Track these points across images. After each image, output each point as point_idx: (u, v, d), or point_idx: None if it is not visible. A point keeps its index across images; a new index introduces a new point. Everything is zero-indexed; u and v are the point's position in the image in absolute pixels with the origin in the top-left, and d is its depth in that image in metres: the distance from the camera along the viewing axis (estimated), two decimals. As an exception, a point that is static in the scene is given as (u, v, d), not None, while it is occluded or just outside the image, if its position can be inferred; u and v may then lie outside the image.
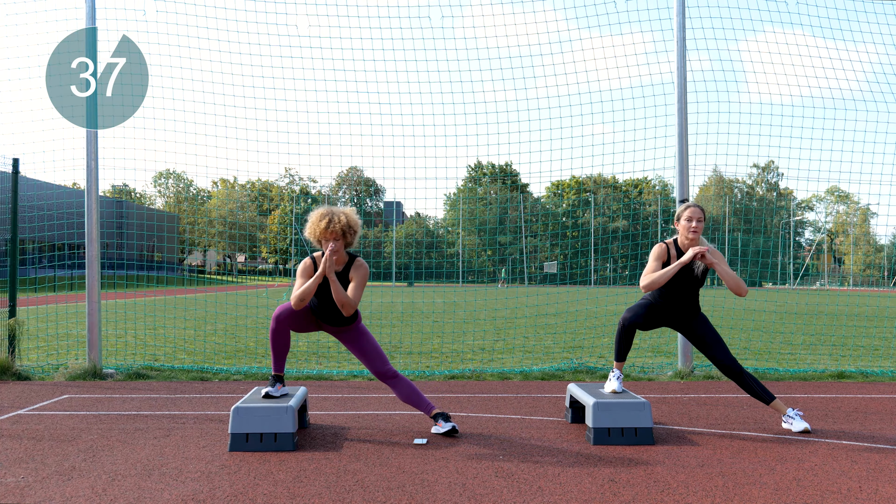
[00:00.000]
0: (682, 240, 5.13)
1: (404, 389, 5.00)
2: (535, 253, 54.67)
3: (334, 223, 4.77)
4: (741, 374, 5.06)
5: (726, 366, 5.06)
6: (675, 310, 5.14)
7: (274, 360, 5.00)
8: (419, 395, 5.01)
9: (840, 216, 77.83)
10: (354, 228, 4.88)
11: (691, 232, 5.03)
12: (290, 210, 62.80)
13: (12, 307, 7.70)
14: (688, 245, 5.10)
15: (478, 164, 67.43)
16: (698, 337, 5.14)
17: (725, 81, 9.38)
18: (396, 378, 5.01)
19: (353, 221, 4.87)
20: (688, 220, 5.06)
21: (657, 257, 5.08)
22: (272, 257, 74.15)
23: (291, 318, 4.91)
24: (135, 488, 3.66)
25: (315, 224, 4.82)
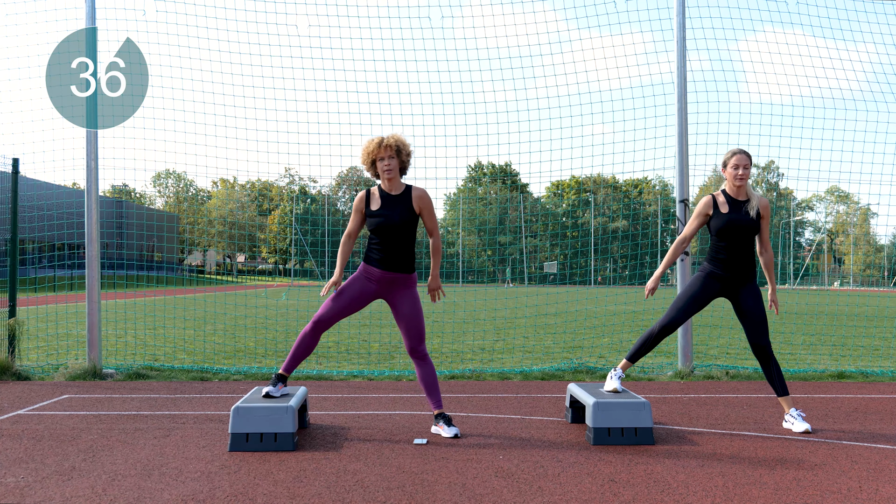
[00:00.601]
0: (729, 186, 5.11)
1: (427, 374, 4.97)
2: (535, 253, 54.67)
3: (387, 139, 4.83)
4: (770, 359, 5.08)
5: (761, 346, 5.06)
6: (734, 265, 5.05)
7: (290, 360, 4.92)
8: (435, 387, 4.99)
9: (840, 216, 77.85)
10: (407, 147, 4.91)
11: (738, 179, 5.02)
12: (290, 210, 62.80)
13: (12, 307, 7.70)
14: (736, 191, 5.07)
15: (478, 164, 67.45)
16: (746, 309, 5.09)
17: (725, 81, 9.39)
18: (425, 360, 4.98)
19: (405, 140, 4.91)
20: (734, 167, 5.03)
21: (698, 213, 5.13)
22: (272, 257, 74.17)
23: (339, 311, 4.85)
24: (135, 488, 3.66)
25: (368, 144, 4.87)
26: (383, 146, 4.81)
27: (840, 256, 73.27)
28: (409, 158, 4.94)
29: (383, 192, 4.92)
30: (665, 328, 5.11)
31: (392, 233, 4.83)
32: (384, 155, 4.81)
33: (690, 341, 7.92)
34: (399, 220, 4.83)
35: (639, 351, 5.17)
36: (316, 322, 4.86)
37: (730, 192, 5.12)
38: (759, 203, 5.07)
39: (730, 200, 5.09)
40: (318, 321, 4.86)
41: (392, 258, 4.87)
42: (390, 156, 4.82)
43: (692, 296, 5.12)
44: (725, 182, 5.17)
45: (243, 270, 72.72)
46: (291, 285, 39.65)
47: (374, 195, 4.93)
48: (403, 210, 4.85)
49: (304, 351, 4.91)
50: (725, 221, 5.03)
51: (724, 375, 7.76)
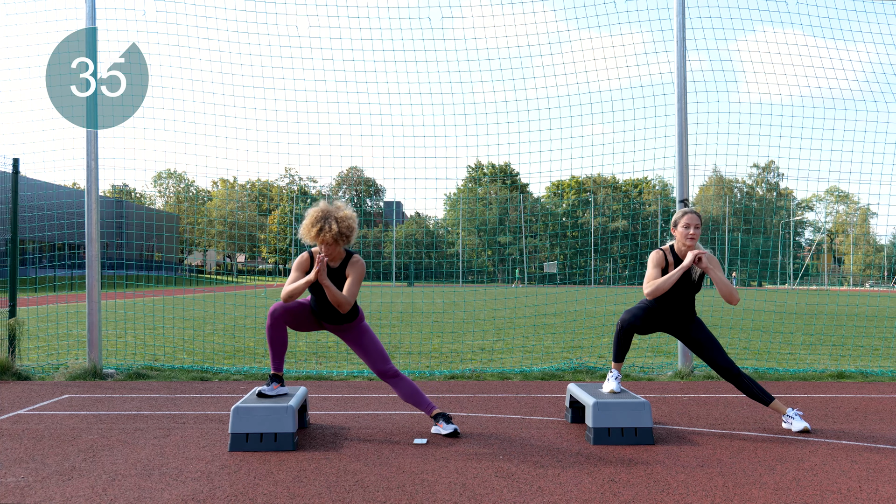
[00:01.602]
0: (678, 246, 5.14)
1: (406, 389, 5.00)
2: (535, 253, 54.68)
3: (325, 232, 4.64)
4: (739, 376, 5.07)
5: (724, 368, 5.06)
6: (672, 314, 5.15)
7: (272, 358, 4.98)
8: (420, 395, 5.01)
9: (840, 216, 77.84)
10: (347, 234, 4.74)
11: (689, 238, 5.05)
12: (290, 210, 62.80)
13: (12, 307, 7.70)
14: (685, 251, 5.11)
15: (478, 164, 67.43)
16: (695, 341, 5.15)
17: (725, 81, 9.39)
18: (398, 377, 5.00)
19: (346, 227, 4.71)
20: (685, 226, 5.07)
21: (656, 264, 5.08)
22: (272, 257, 74.14)
23: (289, 316, 4.90)
24: (135, 488, 3.67)
25: (307, 228, 4.73)
26: (320, 238, 4.67)
27: (840, 256, 73.24)
28: (349, 241, 4.79)
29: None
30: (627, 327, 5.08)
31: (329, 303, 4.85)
32: (320, 243, 4.72)
33: (690, 341, 7.91)
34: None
35: (618, 351, 5.17)
36: (271, 313, 4.86)
37: (678, 251, 5.13)
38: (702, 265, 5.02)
39: (676, 261, 5.10)
40: (272, 312, 4.86)
41: (331, 315, 4.93)
42: (327, 243, 4.71)
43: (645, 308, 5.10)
44: (675, 240, 5.16)
45: (243, 270, 72.70)
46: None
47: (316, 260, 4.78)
48: (338, 283, 4.84)
49: (278, 344, 4.93)
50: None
51: (724, 375, 7.76)
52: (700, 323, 5.21)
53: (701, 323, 5.22)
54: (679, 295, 5.09)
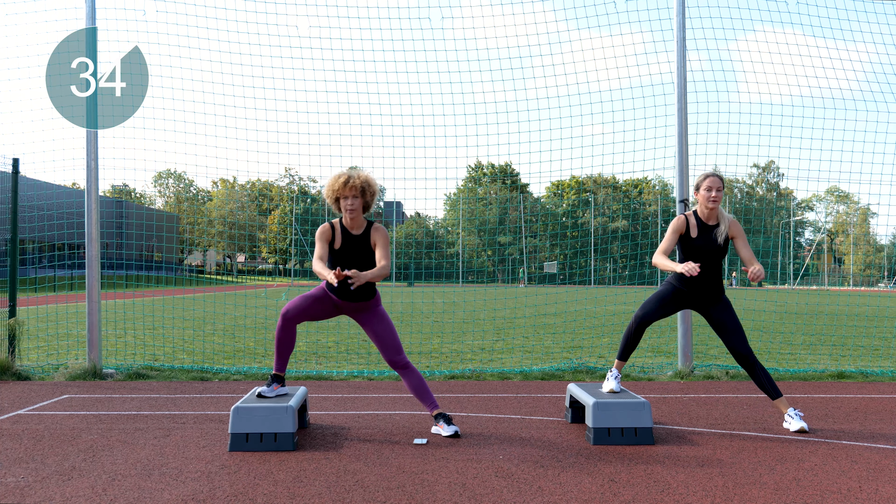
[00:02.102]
0: (701, 210, 5.09)
1: (414, 381, 4.98)
2: (536, 253, 54.66)
3: (353, 179, 4.77)
4: (754, 365, 5.07)
5: (742, 355, 5.05)
6: (699, 287, 5.06)
7: (277, 358, 4.97)
8: (426, 391, 5.00)
9: (840, 216, 77.84)
10: (373, 188, 4.86)
11: (711, 202, 5.01)
12: (290, 210, 62.80)
13: (12, 307, 7.70)
14: (707, 215, 5.06)
15: (478, 164, 67.42)
16: (719, 321, 5.10)
17: (725, 81, 9.38)
18: (407, 368, 4.99)
19: (372, 181, 4.86)
20: (707, 189, 5.02)
21: (674, 230, 5.06)
22: (272, 257, 74.13)
23: (304, 316, 4.89)
24: (135, 488, 3.66)
25: (333, 181, 4.81)
26: (348, 186, 4.76)
27: (840, 256, 73.24)
28: (373, 198, 4.89)
29: (345, 229, 4.90)
30: (641, 321, 5.08)
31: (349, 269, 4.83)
32: (348, 194, 4.77)
33: (690, 341, 7.92)
34: (358, 260, 4.84)
35: (626, 348, 5.17)
36: (283, 315, 4.87)
37: (701, 215, 5.11)
38: (729, 227, 5.04)
39: (700, 224, 5.08)
40: (284, 314, 4.87)
41: (350, 291, 4.89)
42: (354, 195, 4.78)
43: (661, 298, 5.11)
44: (697, 205, 5.15)
45: (243, 270, 72.71)
46: (291, 285, 39.67)
47: (336, 230, 4.89)
48: (362, 250, 4.87)
49: (285, 346, 4.93)
50: (692, 247, 5.04)
51: (724, 375, 7.76)
52: (728, 304, 5.15)
53: (729, 304, 5.16)
54: (705, 260, 5.01)
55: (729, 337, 5.08)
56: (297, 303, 4.89)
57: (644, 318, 5.05)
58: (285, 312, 4.86)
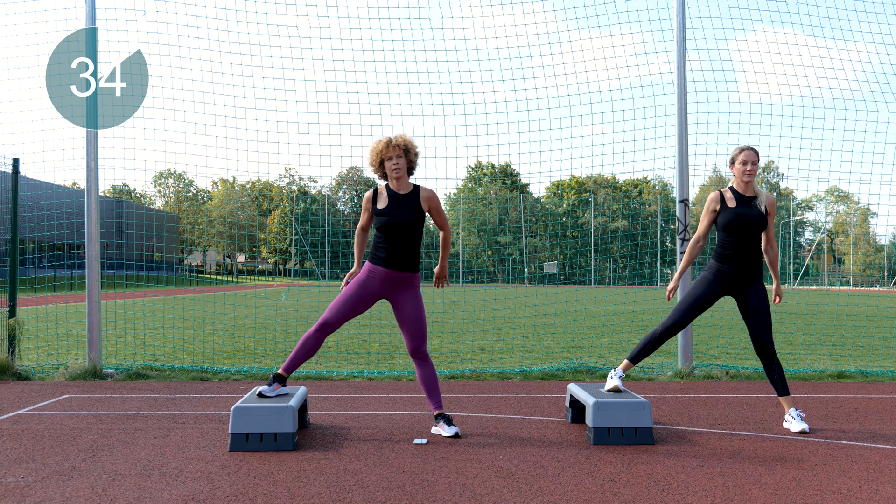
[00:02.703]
0: (737, 183, 5.11)
1: (427, 374, 4.98)
2: (536, 253, 54.66)
3: (396, 138, 4.85)
4: (772, 358, 5.10)
5: (764, 345, 5.08)
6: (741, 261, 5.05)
7: (291, 360, 4.88)
8: (435, 387, 5.00)
9: (840, 216, 77.84)
10: (415, 148, 4.94)
11: (746, 175, 5.02)
12: (290, 210, 62.79)
13: (12, 307, 7.70)
14: (744, 187, 5.08)
15: (478, 164, 67.44)
16: (750, 306, 5.10)
17: (725, 81, 9.38)
18: (426, 360, 5.00)
19: (412, 142, 4.94)
20: (742, 163, 5.04)
21: (707, 211, 5.14)
22: (272, 257, 74.16)
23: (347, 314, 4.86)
24: (135, 488, 3.66)
25: (376, 145, 4.88)
26: (392, 146, 4.83)
27: (840, 256, 73.25)
28: (416, 158, 4.98)
29: (391, 191, 4.93)
30: (669, 330, 5.12)
31: (399, 231, 4.84)
32: (392, 154, 4.83)
33: (690, 341, 7.92)
34: (406, 219, 4.84)
35: (641, 352, 5.18)
36: (322, 325, 4.83)
37: (737, 188, 5.12)
38: (767, 200, 5.08)
39: (737, 196, 5.09)
40: (324, 324, 4.83)
41: (397, 257, 4.87)
42: (398, 155, 4.83)
43: (697, 298, 5.11)
44: (733, 179, 5.17)
45: (243, 270, 72.72)
46: (291, 285, 39.67)
47: (381, 194, 4.94)
48: (411, 209, 4.86)
49: (307, 354, 4.88)
50: (734, 216, 5.03)
51: (724, 375, 7.76)
52: (764, 290, 5.15)
53: (764, 291, 5.15)
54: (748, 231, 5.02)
55: (757, 324, 5.08)
56: (337, 309, 4.84)
57: (676, 325, 5.09)
58: (325, 322, 4.81)
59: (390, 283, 4.92)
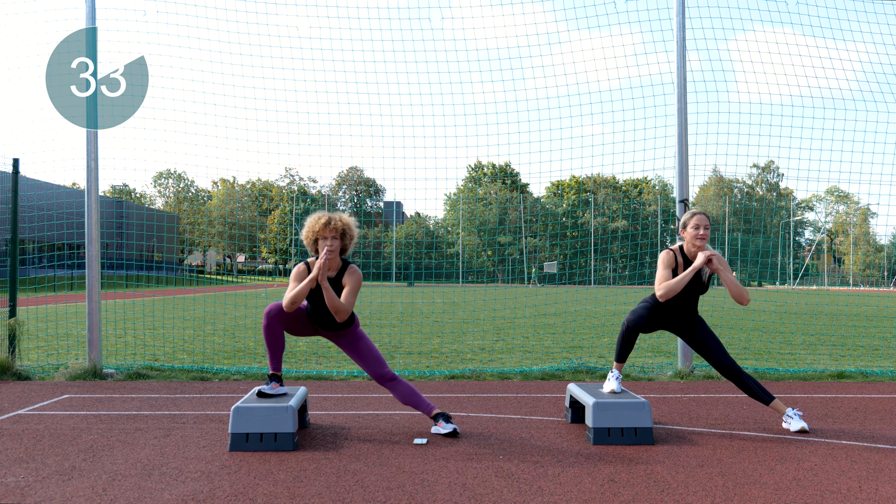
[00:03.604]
0: (688, 247, 5.14)
1: (403, 391, 5.00)
2: (535, 253, 54.67)
3: (335, 221, 4.80)
4: (740, 375, 5.08)
5: (725, 367, 5.07)
6: (677, 313, 5.15)
7: (270, 357, 4.98)
8: (418, 397, 5.01)
9: (840, 216, 77.84)
10: (352, 232, 4.90)
11: (698, 239, 5.05)
12: (290, 210, 62.82)
13: (12, 307, 7.70)
14: (694, 252, 5.11)
15: (478, 164, 67.46)
16: (697, 340, 5.17)
17: (725, 81, 9.38)
18: (395, 381, 5.01)
19: (352, 225, 4.90)
20: (695, 227, 5.07)
21: (667, 265, 5.07)
22: (272, 257, 74.14)
23: (285, 318, 4.91)
24: (135, 488, 3.67)
25: (314, 222, 4.83)
26: (329, 227, 4.78)
27: (840, 256, 73.24)
28: (351, 242, 4.92)
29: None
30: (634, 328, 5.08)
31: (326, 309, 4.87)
32: (328, 235, 4.78)
33: (690, 341, 7.91)
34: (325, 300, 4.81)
35: (621, 351, 5.17)
36: (266, 313, 4.87)
37: (688, 252, 5.14)
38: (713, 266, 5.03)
39: (686, 262, 5.11)
40: (267, 312, 4.86)
41: (328, 321, 4.94)
42: (333, 237, 4.79)
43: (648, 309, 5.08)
44: (684, 241, 5.16)
45: (243, 270, 72.71)
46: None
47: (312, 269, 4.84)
48: (337, 289, 4.87)
49: (275, 344, 4.93)
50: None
51: (724, 375, 7.75)
52: (702, 322, 5.22)
53: (703, 322, 5.23)
54: (686, 295, 5.10)
55: (710, 352, 5.12)
56: (279, 304, 4.89)
57: (635, 325, 5.06)
58: (268, 311, 4.86)
59: (326, 334, 5.07)
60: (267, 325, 4.87)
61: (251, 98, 8.73)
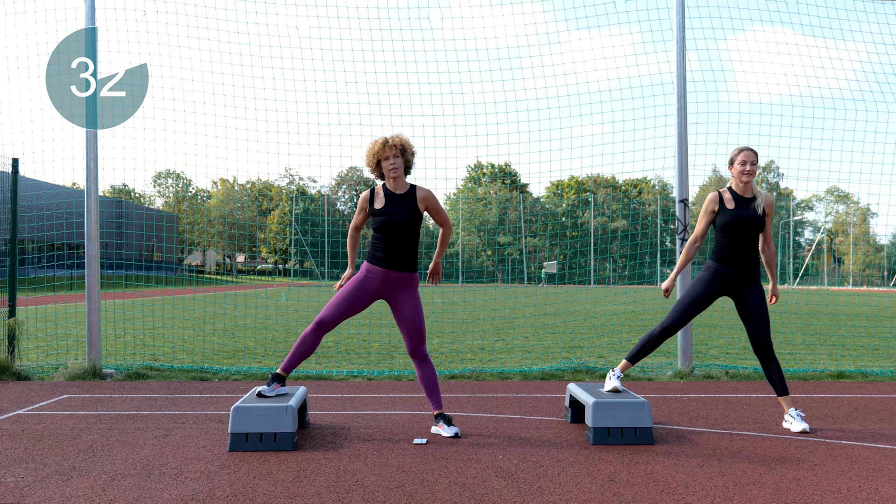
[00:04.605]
0: (736, 183, 5.11)
1: (427, 375, 5.00)
2: (535, 253, 54.66)
3: (393, 139, 4.86)
4: (771, 358, 5.10)
5: (763, 346, 5.07)
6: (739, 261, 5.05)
7: (289, 359, 4.87)
8: (435, 387, 5.01)
9: (840, 216, 77.85)
10: (412, 148, 4.94)
11: (746, 175, 5.03)
12: (289, 210, 62.81)
13: (12, 307, 7.70)
14: (742, 188, 5.08)
15: (477, 164, 67.47)
16: (748, 307, 5.10)
17: (725, 81, 9.39)
18: (425, 360, 5.01)
19: (409, 142, 4.94)
20: (741, 163, 5.04)
21: (705, 211, 5.14)
22: (272, 257, 74.14)
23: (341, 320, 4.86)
24: (135, 488, 3.66)
25: (372, 145, 4.89)
26: (388, 145, 4.84)
27: (840, 256, 73.26)
28: (413, 158, 4.97)
29: (388, 190, 4.93)
30: (667, 330, 5.13)
31: (396, 231, 4.84)
32: (389, 154, 4.83)
33: (690, 341, 7.92)
34: (404, 218, 4.84)
35: (639, 352, 5.18)
36: (319, 323, 4.83)
37: (736, 189, 5.12)
38: (766, 200, 5.08)
39: (736, 198, 5.09)
40: (320, 322, 4.83)
41: (395, 257, 4.88)
42: (395, 155, 4.84)
43: (696, 298, 5.12)
44: (731, 180, 5.17)
45: (243, 270, 72.72)
46: (291, 285, 39.68)
47: (378, 194, 4.94)
48: (408, 209, 4.86)
49: (305, 352, 4.86)
50: (732, 217, 5.03)
51: (724, 375, 7.76)
52: (761, 291, 5.15)
53: (762, 291, 5.15)
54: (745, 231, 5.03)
55: (755, 324, 5.08)
56: (334, 308, 4.83)
57: (674, 325, 5.09)
58: (322, 321, 4.81)
59: (388, 283, 4.92)
60: (315, 337, 4.82)
61: (251, 98, 8.74)
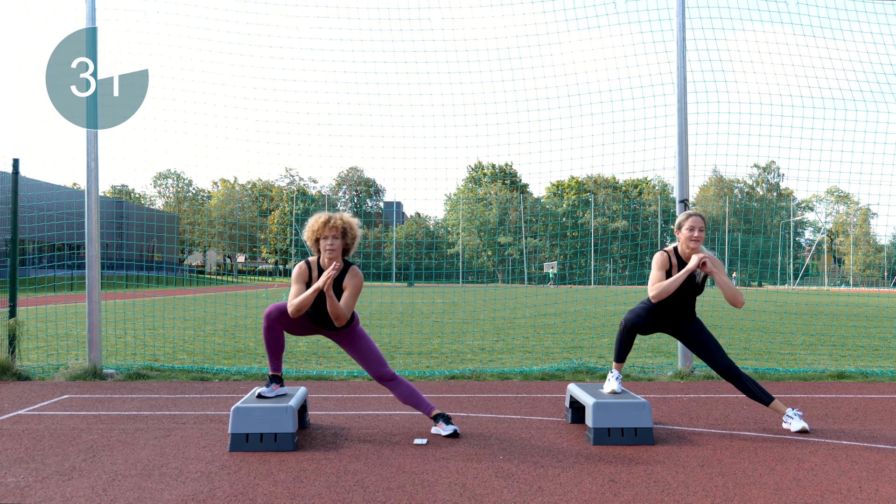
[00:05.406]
0: (682, 248, 5.15)
1: (403, 391, 5.00)
2: (535, 253, 54.66)
3: (335, 219, 4.78)
4: (739, 376, 5.08)
5: (724, 368, 5.07)
6: (674, 315, 5.15)
7: (269, 359, 4.98)
8: (419, 397, 5.01)
9: (840, 216, 77.83)
10: (354, 231, 4.87)
11: (693, 241, 5.06)
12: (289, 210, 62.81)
13: (12, 307, 7.70)
14: (689, 254, 5.12)
15: (478, 165, 67.45)
16: (695, 342, 5.16)
17: (725, 82, 9.37)
18: (395, 380, 5.01)
19: (354, 224, 4.88)
20: (689, 229, 5.08)
21: (661, 266, 5.08)
22: (272, 257, 74.14)
23: (285, 321, 4.90)
24: (135, 488, 3.66)
25: (314, 221, 4.82)
26: (329, 226, 4.76)
27: (840, 256, 73.24)
28: (353, 242, 4.90)
29: (321, 269, 4.87)
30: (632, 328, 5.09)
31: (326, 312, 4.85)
32: (328, 234, 4.77)
33: (690, 341, 7.90)
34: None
35: (620, 352, 5.17)
36: (266, 316, 4.86)
37: (681, 253, 5.15)
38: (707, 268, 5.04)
39: (680, 263, 5.12)
40: (267, 315, 4.85)
41: (328, 322, 4.93)
42: (334, 236, 4.78)
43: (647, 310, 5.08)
44: (678, 242, 5.17)
45: (243, 271, 72.73)
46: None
47: (313, 269, 4.88)
48: (337, 293, 4.85)
49: (274, 346, 4.92)
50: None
51: (724, 375, 7.75)
52: (699, 323, 5.22)
53: (700, 323, 5.22)
54: (682, 297, 5.09)
55: (708, 353, 5.12)
56: (279, 306, 4.88)
57: (633, 325, 5.07)
58: (268, 313, 4.85)
59: (326, 333, 5.04)
60: (267, 327, 4.87)
61: (251, 98, 8.73)
